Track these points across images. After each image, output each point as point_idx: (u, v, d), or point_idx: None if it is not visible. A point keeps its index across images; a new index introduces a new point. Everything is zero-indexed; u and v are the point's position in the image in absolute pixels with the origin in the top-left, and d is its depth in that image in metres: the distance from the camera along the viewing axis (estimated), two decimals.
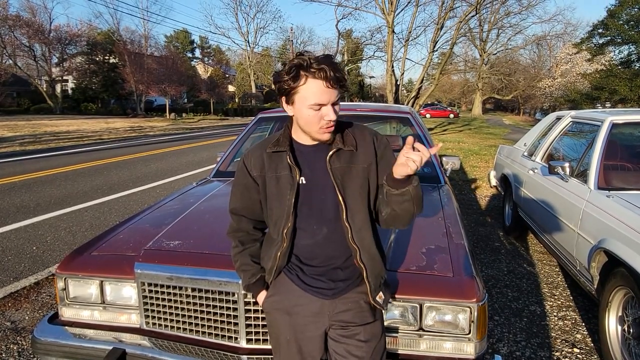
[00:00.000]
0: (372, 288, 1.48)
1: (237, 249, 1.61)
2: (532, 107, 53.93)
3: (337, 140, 1.46)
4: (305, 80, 1.33)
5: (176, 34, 58.07)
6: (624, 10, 22.76)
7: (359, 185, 1.46)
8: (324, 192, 1.46)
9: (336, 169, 1.45)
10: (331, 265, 1.48)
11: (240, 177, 1.56)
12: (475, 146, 15.65)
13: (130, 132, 21.46)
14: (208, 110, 44.15)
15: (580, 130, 4.13)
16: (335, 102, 1.36)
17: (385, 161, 1.50)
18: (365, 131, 1.53)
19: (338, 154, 1.45)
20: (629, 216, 2.53)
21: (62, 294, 2.02)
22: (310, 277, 1.49)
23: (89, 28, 41.84)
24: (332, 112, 1.35)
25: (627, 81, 21.82)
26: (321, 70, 1.31)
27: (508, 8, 21.44)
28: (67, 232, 5.22)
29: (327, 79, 1.32)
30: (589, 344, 2.95)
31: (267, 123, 4.07)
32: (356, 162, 1.47)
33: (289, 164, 1.45)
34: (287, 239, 1.46)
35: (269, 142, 1.52)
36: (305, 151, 1.48)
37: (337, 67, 1.34)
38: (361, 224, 1.46)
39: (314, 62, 1.32)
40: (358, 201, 1.46)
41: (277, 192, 1.48)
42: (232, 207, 1.61)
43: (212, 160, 11.42)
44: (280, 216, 1.47)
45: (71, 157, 11.91)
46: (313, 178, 1.47)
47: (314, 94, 1.33)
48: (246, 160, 1.55)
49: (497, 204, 6.85)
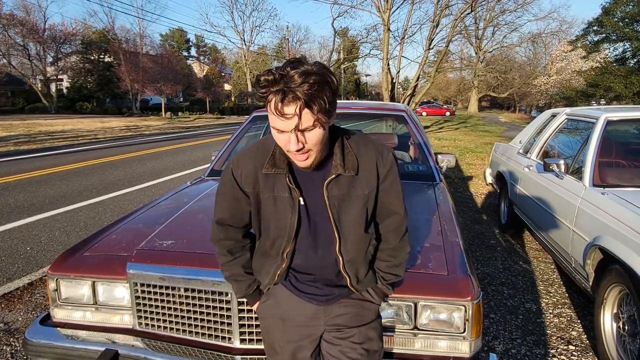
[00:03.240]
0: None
1: (225, 257, 1.51)
2: (528, 104, 54.06)
3: (337, 163, 1.33)
4: (267, 97, 1.14)
5: (172, 32, 57.93)
6: (618, 8, 22.82)
7: (357, 213, 1.37)
8: (320, 215, 1.38)
9: (334, 196, 1.35)
10: (325, 276, 1.45)
11: (229, 188, 1.42)
12: (471, 144, 15.68)
13: (125, 131, 21.37)
14: (204, 109, 44.03)
15: (575, 128, 4.13)
16: (304, 130, 1.16)
17: (387, 183, 1.41)
18: (370, 150, 1.38)
19: (337, 180, 1.34)
20: (624, 213, 2.53)
21: (53, 294, 2.00)
22: (303, 284, 1.46)
23: (83, 27, 41.72)
24: (293, 142, 1.16)
25: (622, 78, 21.87)
26: (278, 92, 1.11)
27: (503, 6, 21.50)
28: (61, 232, 5.18)
29: (278, 106, 1.12)
30: (584, 341, 2.95)
31: (262, 121, 4.05)
32: (357, 187, 1.36)
33: (289, 186, 1.34)
34: (287, 260, 1.41)
35: (263, 157, 1.37)
36: (302, 172, 1.36)
37: (304, 82, 1.09)
38: (354, 254, 1.41)
39: (278, 77, 1.11)
40: (353, 230, 1.39)
41: (274, 212, 1.38)
42: (218, 218, 1.48)
43: (207, 159, 11.36)
44: (279, 236, 1.40)
45: (66, 156, 11.84)
46: (310, 200, 1.37)
47: (272, 118, 1.16)
48: (235, 171, 1.40)
49: (492, 201, 6.86)
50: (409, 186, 2.93)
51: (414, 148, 3.83)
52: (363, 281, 1.46)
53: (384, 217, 1.47)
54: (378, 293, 1.51)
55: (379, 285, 1.51)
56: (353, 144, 1.37)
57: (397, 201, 1.44)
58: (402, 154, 3.94)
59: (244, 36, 54.73)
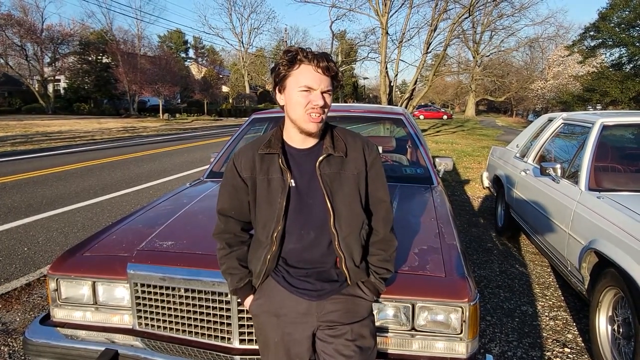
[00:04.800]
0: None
1: (223, 251, 1.59)
2: (525, 108, 54.23)
3: (328, 145, 1.47)
4: (298, 66, 1.38)
5: (170, 34, 57.81)
6: (615, 13, 22.96)
7: (349, 192, 1.47)
8: (312, 197, 1.47)
9: (326, 174, 1.45)
10: (317, 269, 1.49)
11: (230, 178, 1.55)
12: (468, 147, 15.74)
13: (123, 133, 21.34)
14: (202, 110, 43.99)
15: (572, 132, 4.16)
16: (326, 91, 1.40)
17: (374, 171, 1.52)
18: (356, 138, 1.54)
19: (328, 159, 1.46)
20: (619, 217, 2.56)
21: (53, 294, 2.01)
22: (296, 279, 1.49)
23: (81, 27, 41.56)
24: (320, 98, 1.38)
25: (618, 83, 22.00)
26: (315, 57, 1.38)
27: (501, 10, 21.60)
28: (59, 233, 5.18)
29: (319, 66, 1.37)
30: (580, 343, 2.98)
31: (260, 124, 4.07)
32: (346, 168, 1.48)
33: (281, 166, 1.45)
34: (276, 243, 1.46)
35: (260, 142, 1.52)
36: (296, 155, 1.49)
37: (331, 60, 1.40)
38: (349, 231, 1.47)
39: (309, 52, 1.39)
40: (347, 208, 1.47)
41: (267, 194, 1.47)
42: (220, 207, 1.59)
43: (205, 160, 11.39)
44: (269, 219, 1.47)
45: (63, 157, 11.82)
46: (302, 182, 1.47)
47: (305, 77, 1.37)
48: (236, 160, 1.54)
49: (489, 205, 6.89)
50: (406, 189, 2.95)
51: (411, 151, 3.86)
52: (358, 267, 1.50)
53: (373, 206, 1.55)
54: (370, 288, 1.54)
55: (371, 280, 1.55)
56: (340, 133, 1.54)
57: (383, 189, 1.55)
58: (399, 157, 3.97)
59: (242, 38, 54.90)
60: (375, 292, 1.56)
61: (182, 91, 45.16)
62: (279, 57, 1.43)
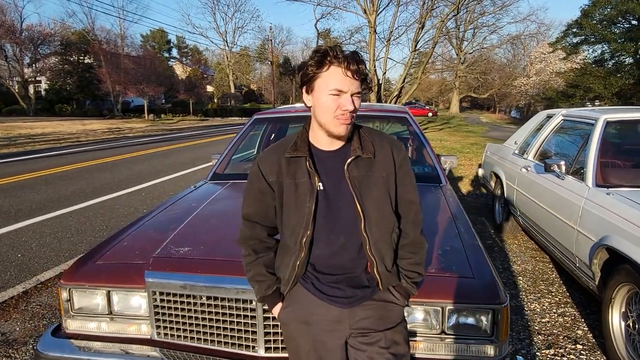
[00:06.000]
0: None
1: (249, 257, 1.53)
2: (508, 105, 54.88)
3: (356, 147, 1.42)
4: (328, 67, 1.33)
5: (152, 33, 57.07)
6: (597, 10, 23.23)
7: (378, 195, 1.43)
8: (341, 200, 1.42)
9: (354, 177, 1.41)
10: (347, 274, 1.44)
11: (255, 182, 1.49)
12: (457, 144, 15.83)
13: (108, 134, 21.03)
14: (187, 110, 43.61)
15: (573, 129, 4.18)
16: (356, 94, 1.35)
17: (403, 172, 1.48)
18: (384, 139, 1.50)
19: (356, 161, 1.42)
20: (633, 214, 2.55)
21: (66, 305, 1.93)
22: (326, 286, 1.44)
23: (62, 27, 40.89)
24: (349, 102, 1.34)
25: (601, 79, 22.29)
26: (345, 59, 1.32)
27: (483, 8, 21.81)
28: (52, 238, 5.05)
29: (349, 69, 1.32)
30: (591, 339, 2.98)
31: (261, 124, 4.00)
32: (375, 170, 1.43)
33: (308, 170, 1.40)
34: (305, 248, 1.41)
35: (286, 145, 1.46)
36: (323, 157, 1.44)
37: (361, 62, 1.35)
38: (379, 234, 1.42)
39: (339, 52, 1.33)
40: (377, 211, 1.42)
41: (295, 199, 1.42)
42: (245, 212, 1.53)
43: (196, 161, 11.27)
44: (298, 224, 1.42)
45: (49, 160, 11.58)
46: (330, 186, 1.42)
47: (335, 80, 1.32)
48: (261, 164, 1.48)
49: (485, 202, 6.92)
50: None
51: (417, 150, 3.83)
52: (390, 271, 1.46)
53: (402, 208, 1.51)
54: (402, 293, 1.50)
55: (402, 284, 1.50)
56: (367, 133, 1.49)
57: (412, 191, 1.51)
58: None
59: (227, 37, 54.51)
60: (406, 296, 1.52)
61: (167, 91, 44.69)
62: (307, 60, 1.38)
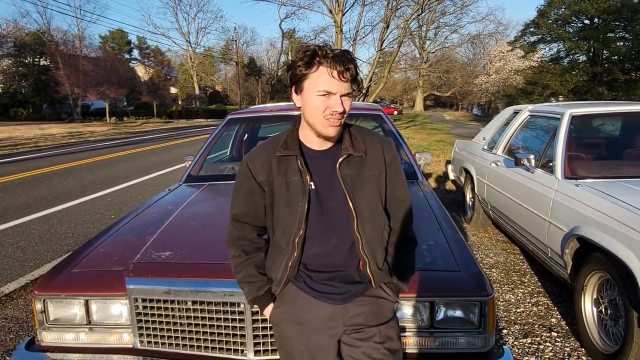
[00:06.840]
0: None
1: (239, 258, 1.49)
2: (470, 102, 56.36)
3: (347, 145, 1.41)
4: (317, 68, 1.30)
5: (111, 34, 55.40)
6: (552, 10, 24.13)
7: (370, 193, 1.42)
8: (333, 199, 1.40)
9: (346, 175, 1.39)
10: (340, 272, 1.43)
11: (244, 182, 1.45)
12: (424, 142, 16.09)
13: (69, 138, 20.30)
14: (151, 113, 42.61)
15: (539, 123, 4.31)
16: (345, 95, 1.33)
17: (393, 170, 1.47)
18: (375, 138, 1.49)
19: (348, 160, 1.40)
20: (603, 204, 2.65)
21: (40, 317, 1.84)
22: (319, 283, 1.42)
23: (15, 28, 39.07)
24: (339, 104, 1.31)
25: (558, 76, 23.15)
26: (334, 60, 1.29)
27: (444, 8, 22.33)
28: (15, 247, 4.81)
29: (338, 70, 1.29)
30: (564, 327, 3.08)
31: (235, 124, 3.94)
32: (366, 168, 1.42)
33: (300, 168, 1.38)
34: (297, 248, 1.39)
35: (276, 144, 1.43)
36: (313, 156, 1.42)
37: (351, 61, 1.32)
38: (372, 233, 1.42)
39: (329, 51, 1.30)
40: (369, 210, 1.41)
41: (287, 198, 1.39)
42: (234, 213, 1.49)
43: (163, 165, 11.01)
44: (290, 224, 1.39)
45: (6, 166, 11.06)
46: (322, 185, 1.40)
47: (324, 82, 1.30)
48: (250, 163, 1.44)
49: (455, 197, 7.06)
50: None
51: None
52: (381, 269, 1.45)
53: (393, 206, 1.50)
54: (393, 289, 1.49)
55: (393, 280, 1.50)
56: (358, 132, 1.47)
57: (403, 189, 1.51)
58: None
59: (189, 38, 53.59)
60: (397, 292, 1.53)
61: (129, 93, 43.53)
62: (295, 59, 1.34)
